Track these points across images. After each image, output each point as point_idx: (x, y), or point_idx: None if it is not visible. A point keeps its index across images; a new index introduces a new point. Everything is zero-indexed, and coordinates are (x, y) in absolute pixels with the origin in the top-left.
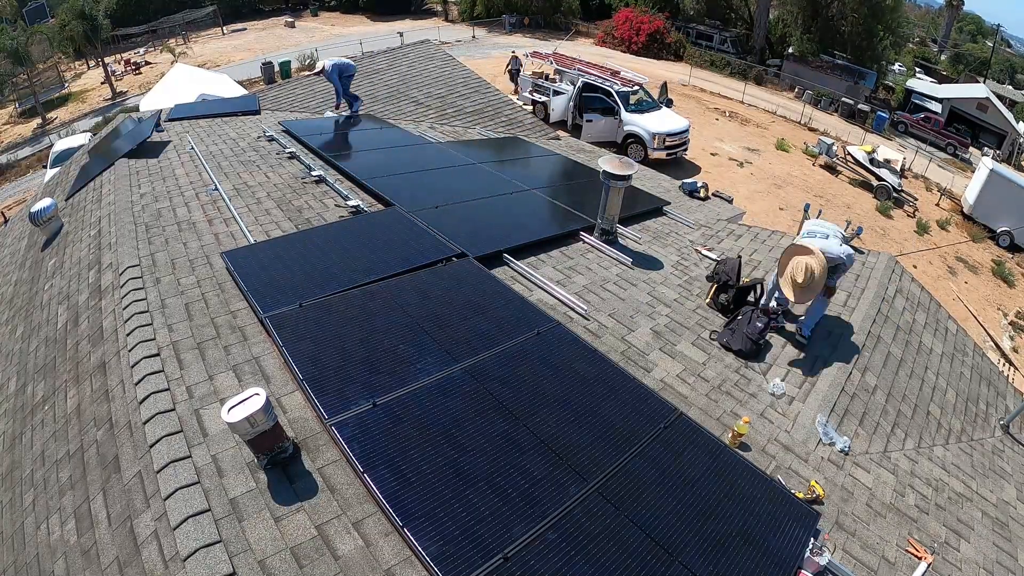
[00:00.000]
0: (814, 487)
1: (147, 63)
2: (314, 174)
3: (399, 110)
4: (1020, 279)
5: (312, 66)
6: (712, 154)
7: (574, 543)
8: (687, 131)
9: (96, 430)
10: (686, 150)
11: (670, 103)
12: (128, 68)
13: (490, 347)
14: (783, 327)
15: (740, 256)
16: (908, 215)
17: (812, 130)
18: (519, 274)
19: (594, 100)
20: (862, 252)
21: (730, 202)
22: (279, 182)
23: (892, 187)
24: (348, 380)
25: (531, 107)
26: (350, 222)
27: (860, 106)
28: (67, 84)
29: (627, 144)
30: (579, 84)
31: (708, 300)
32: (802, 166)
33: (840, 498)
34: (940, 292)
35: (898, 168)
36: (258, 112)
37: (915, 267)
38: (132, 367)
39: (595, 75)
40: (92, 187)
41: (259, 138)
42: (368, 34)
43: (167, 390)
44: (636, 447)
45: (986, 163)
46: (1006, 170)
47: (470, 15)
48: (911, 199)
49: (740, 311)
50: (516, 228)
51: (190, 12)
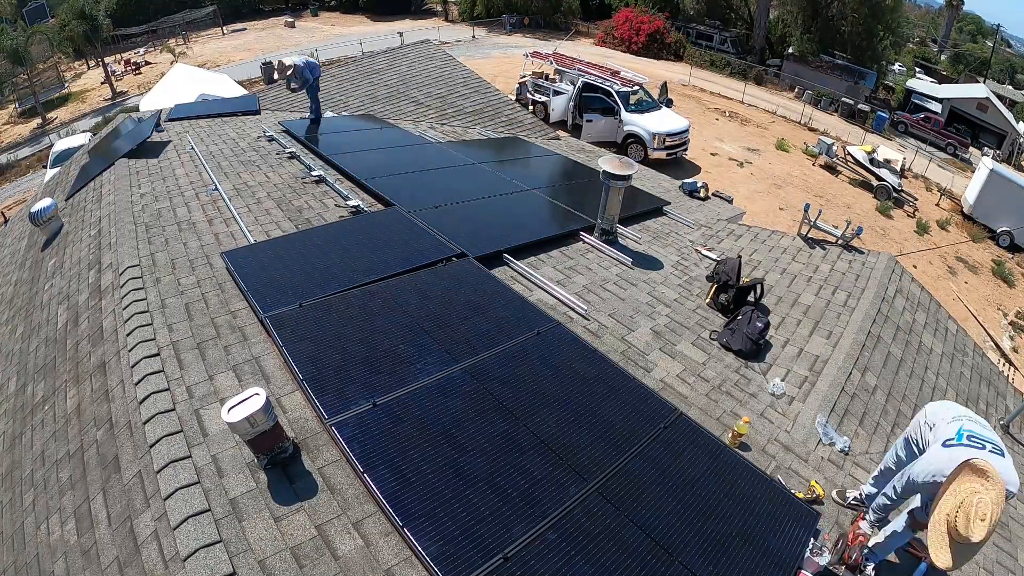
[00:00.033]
0: (814, 487)
1: (147, 63)
2: (314, 174)
3: (399, 110)
4: (1020, 279)
5: (282, 68)
6: (712, 154)
7: (574, 543)
8: (687, 131)
9: (96, 430)
10: (686, 150)
11: (670, 103)
12: (128, 68)
13: (490, 347)
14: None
15: (740, 256)
16: (908, 215)
17: (812, 130)
18: (519, 274)
19: (594, 100)
20: (862, 252)
21: (730, 202)
22: (279, 182)
23: (892, 187)
24: (348, 380)
25: (531, 107)
26: (350, 222)
27: (860, 106)
28: (67, 84)
29: (627, 144)
30: (579, 84)
31: (708, 300)
32: (802, 166)
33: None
34: (940, 292)
35: (898, 168)
36: (258, 112)
37: (915, 267)
38: (132, 367)
39: (595, 75)
40: (92, 187)
41: (259, 138)
42: (368, 34)
43: (167, 390)
44: (636, 447)
45: (986, 163)
46: (1006, 170)
47: (470, 15)
48: (911, 199)
49: (740, 311)
50: (516, 228)
51: (190, 12)
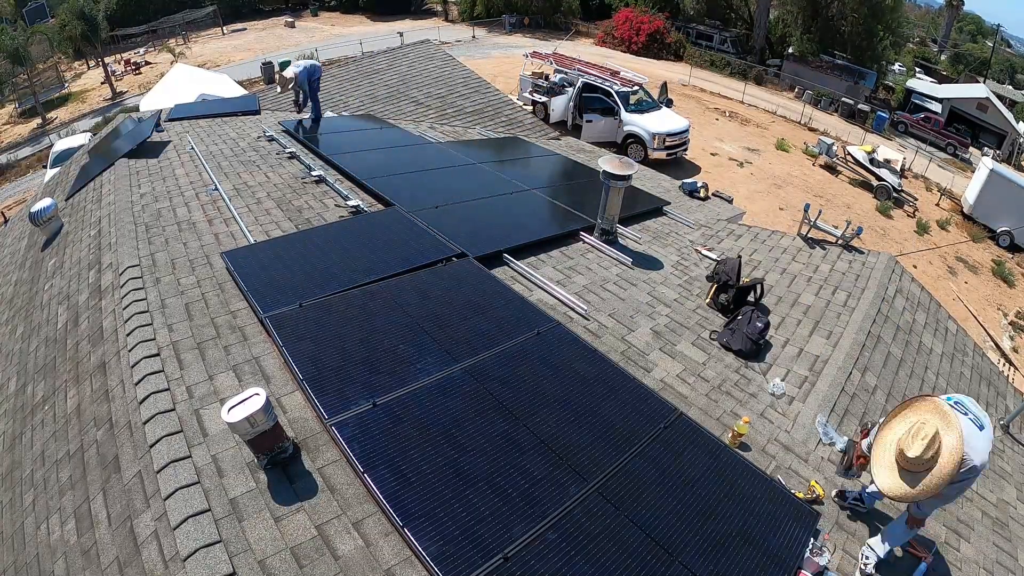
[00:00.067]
0: (814, 487)
1: (147, 63)
2: (314, 174)
3: (399, 110)
4: (1020, 279)
5: (284, 80)
6: (712, 154)
7: (574, 543)
8: (687, 131)
9: (96, 430)
10: (686, 150)
11: (670, 103)
12: (128, 68)
13: (490, 347)
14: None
15: (740, 256)
16: (908, 215)
17: (812, 130)
18: (519, 274)
19: (594, 100)
20: (862, 252)
21: (730, 202)
22: (279, 182)
23: (892, 187)
24: (348, 380)
25: (531, 107)
26: (350, 222)
27: (860, 106)
28: (67, 84)
29: (627, 144)
30: (579, 84)
31: (708, 300)
32: (802, 166)
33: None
34: (940, 292)
35: (898, 168)
36: (258, 112)
37: (915, 267)
38: (132, 367)
39: (595, 75)
40: (92, 187)
41: (259, 138)
42: (368, 34)
43: (167, 390)
44: (636, 447)
45: (986, 163)
46: (1006, 170)
47: (470, 15)
48: (911, 199)
49: (740, 311)
50: (516, 228)
51: (190, 12)
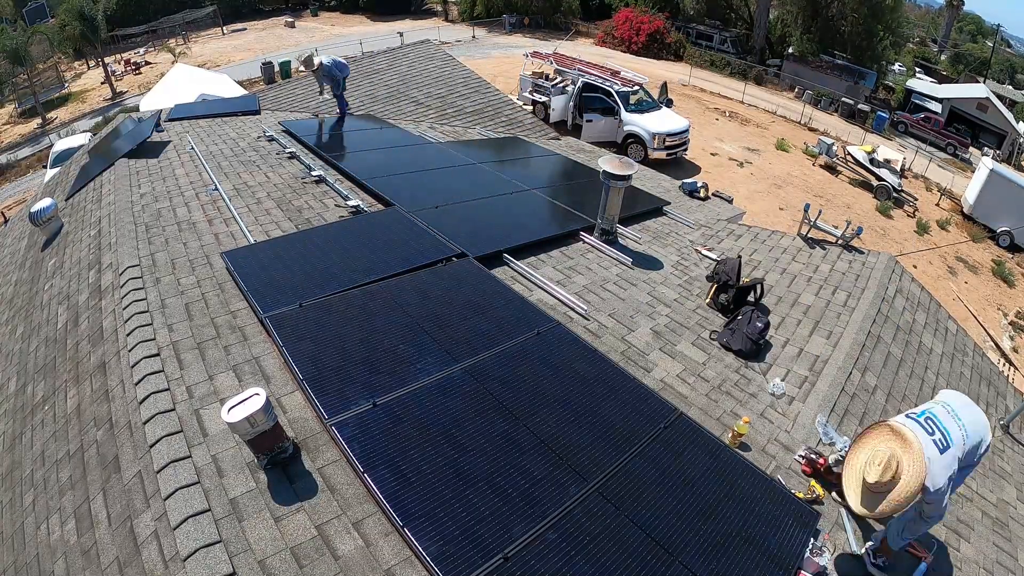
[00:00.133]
0: (814, 487)
1: (147, 63)
2: (314, 174)
3: (399, 110)
4: (1020, 279)
5: (309, 61)
6: (712, 154)
7: (574, 543)
8: (687, 131)
9: (96, 430)
10: (686, 150)
11: (670, 103)
12: (128, 68)
13: (490, 347)
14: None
15: (740, 256)
16: (908, 215)
17: (812, 130)
18: (519, 274)
19: (594, 100)
20: (862, 252)
21: (730, 202)
22: (279, 182)
23: (892, 187)
24: (348, 380)
25: (531, 107)
26: (350, 222)
27: (860, 106)
28: (67, 84)
29: (627, 144)
30: (579, 84)
31: (708, 300)
32: (802, 166)
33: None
34: (940, 292)
35: (898, 168)
36: (258, 112)
37: (915, 267)
38: (132, 367)
39: (595, 75)
40: (92, 187)
41: (259, 138)
42: (368, 34)
43: (167, 390)
44: (636, 447)
45: (986, 163)
46: (1006, 170)
47: (470, 15)
48: (911, 199)
49: (740, 311)
50: (516, 228)
51: (190, 12)
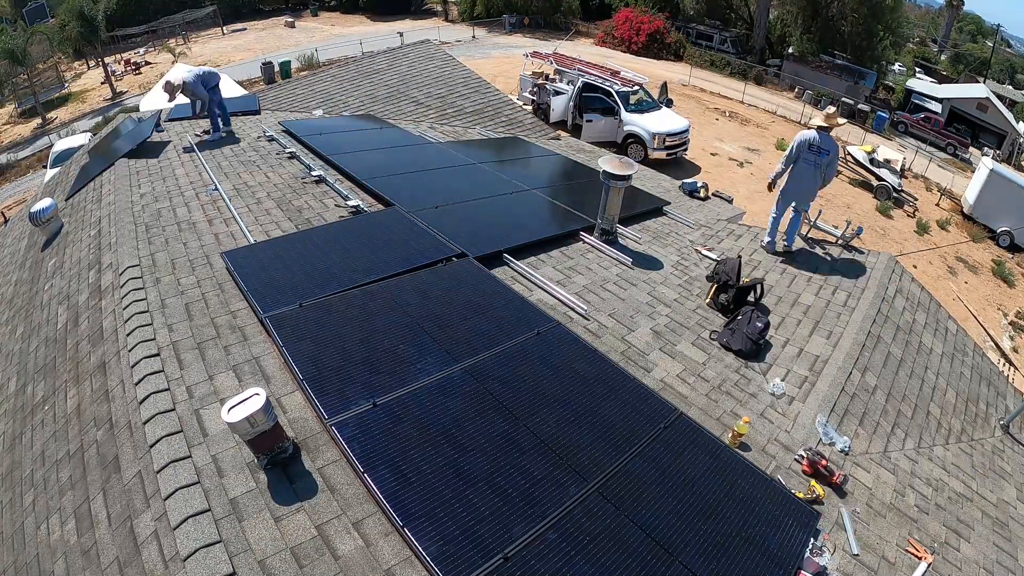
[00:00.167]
0: (814, 487)
1: (147, 63)
2: (314, 174)
3: (399, 110)
4: (1020, 279)
5: (170, 87)
6: (712, 154)
7: (574, 543)
8: (687, 131)
9: (96, 430)
10: (686, 150)
11: (670, 103)
12: (128, 68)
13: (490, 347)
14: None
15: (740, 256)
16: (908, 215)
17: None
18: (519, 274)
19: (594, 100)
20: (862, 252)
21: (730, 202)
22: (279, 182)
23: (892, 187)
24: (348, 380)
25: (531, 107)
26: (350, 222)
27: (860, 106)
28: (67, 84)
29: (627, 144)
30: (579, 84)
31: (708, 300)
32: None
33: (840, 498)
34: (940, 292)
35: (898, 168)
36: (258, 112)
37: (915, 267)
38: (132, 367)
39: (595, 75)
40: (92, 187)
41: (259, 138)
42: (368, 34)
43: (167, 390)
44: (636, 447)
45: (986, 163)
46: (1006, 170)
47: (470, 15)
48: (911, 199)
49: (740, 311)
50: (516, 228)
51: (190, 12)
